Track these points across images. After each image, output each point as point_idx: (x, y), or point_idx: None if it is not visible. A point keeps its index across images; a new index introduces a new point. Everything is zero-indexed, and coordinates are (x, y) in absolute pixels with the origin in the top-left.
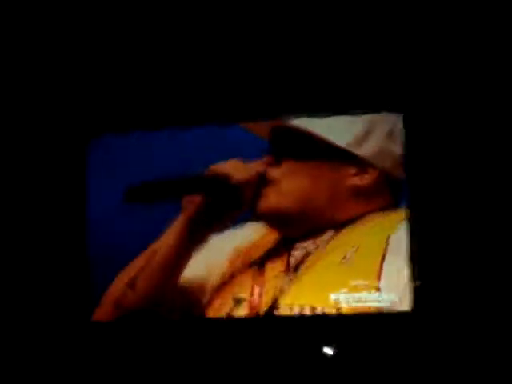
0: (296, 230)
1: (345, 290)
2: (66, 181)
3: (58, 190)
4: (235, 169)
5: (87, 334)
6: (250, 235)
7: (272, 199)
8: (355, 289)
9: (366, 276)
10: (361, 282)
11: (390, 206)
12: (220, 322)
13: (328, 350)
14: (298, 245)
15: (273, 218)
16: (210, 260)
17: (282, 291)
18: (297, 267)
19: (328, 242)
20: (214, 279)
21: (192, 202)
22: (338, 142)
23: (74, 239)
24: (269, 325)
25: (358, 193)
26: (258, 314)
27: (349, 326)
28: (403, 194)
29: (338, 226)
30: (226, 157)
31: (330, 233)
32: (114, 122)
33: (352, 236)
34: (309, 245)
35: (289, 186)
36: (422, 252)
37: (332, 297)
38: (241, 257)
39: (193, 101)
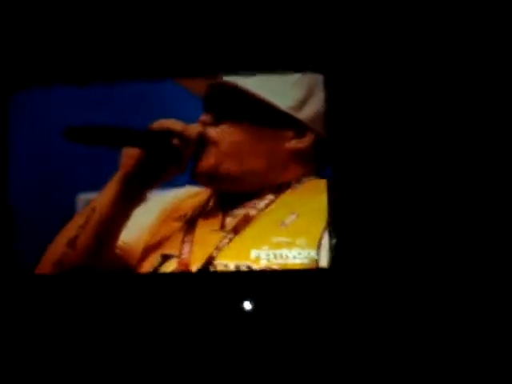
0: (232, 189)
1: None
2: None
3: None
4: (176, 127)
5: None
6: (182, 194)
7: (211, 159)
8: (277, 246)
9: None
10: (283, 239)
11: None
12: (149, 278)
13: (247, 306)
14: (235, 205)
15: (211, 179)
16: (141, 218)
17: (218, 249)
18: (236, 228)
19: (268, 205)
20: (144, 237)
21: (131, 157)
22: (280, 104)
23: None
24: (197, 281)
25: (296, 156)
26: (188, 271)
27: (269, 282)
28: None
29: (277, 189)
30: (161, 114)
31: (270, 196)
32: (38, 75)
33: (292, 200)
34: (248, 207)
35: (228, 146)
36: (340, 211)
37: (253, 253)
38: (172, 215)
39: (124, 54)
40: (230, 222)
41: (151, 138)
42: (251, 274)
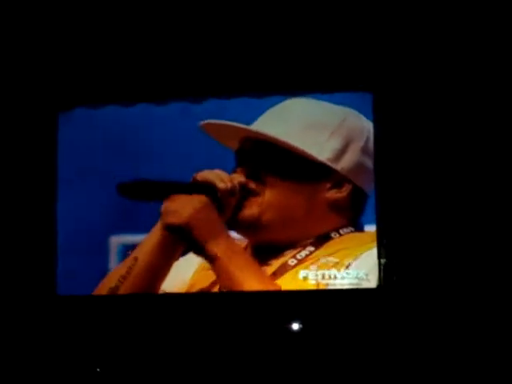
0: (272, 239)
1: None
2: (35, 156)
3: (26, 165)
4: (219, 177)
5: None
6: None
7: (254, 210)
8: (325, 266)
9: None
10: (331, 259)
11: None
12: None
13: (295, 326)
14: (271, 255)
15: (251, 228)
16: (181, 269)
17: None
18: (274, 275)
19: (308, 256)
20: (185, 288)
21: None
22: (318, 156)
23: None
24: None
25: (334, 206)
26: None
27: (316, 303)
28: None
29: (316, 241)
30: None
31: (310, 248)
32: (85, 95)
33: (331, 252)
34: (286, 256)
35: (270, 198)
36: (388, 230)
37: (301, 273)
38: (209, 266)
39: (166, 75)
40: (266, 270)
41: (196, 190)
42: (300, 294)
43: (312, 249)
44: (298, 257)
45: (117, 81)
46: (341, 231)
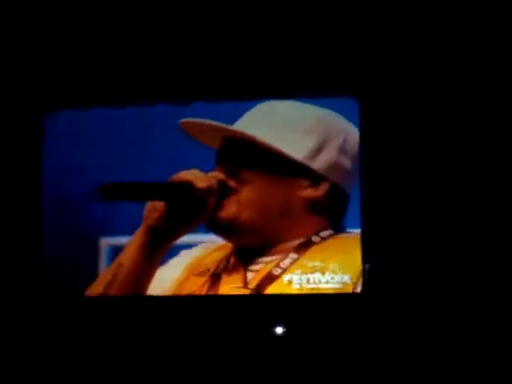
0: (252, 241)
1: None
2: (21, 156)
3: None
4: (198, 177)
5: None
6: (205, 249)
7: (232, 208)
8: (310, 270)
9: None
10: (316, 264)
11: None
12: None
13: (278, 330)
14: (255, 260)
15: (230, 228)
16: (166, 273)
17: None
18: (259, 286)
19: (291, 263)
20: (170, 292)
21: (154, 210)
22: (294, 154)
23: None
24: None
25: (312, 205)
26: None
27: (300, 307)
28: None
29: (299, 248)
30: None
31: (293, 255)
32: (71, 96)
33: (315, 258)
34: (270, 264)
35: (247, 195)
36: (373, 234)
37: (285, 278)
38: (196, 269)
39: (154, 76)
40: (252, 278)
41: (174, 190)
42: (284, 298)
43: (295, 256)
44: (282, 265)
45: (104, 82)
46: (321, 234)
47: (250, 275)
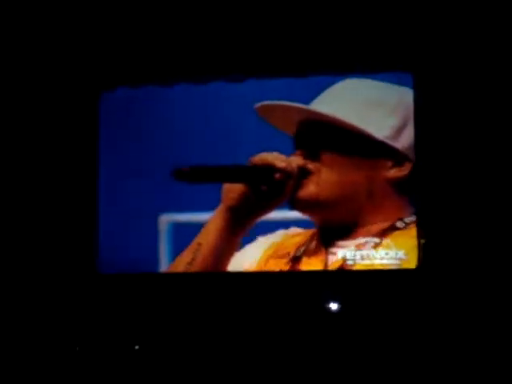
0: (334, 219)
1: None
2: (78, 135)
3: (69, 145)
4: (278, 160)
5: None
6: (287, 233)
7: (311, 189)
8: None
9: None
10: (369, 240)
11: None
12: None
13: (333, 306)
14: (338, 242)
15: (311, 206)
16: (248, 254)
17: None
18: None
19: (373, 248)
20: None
21: (232, 191)
22: (376, 134)
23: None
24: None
25: (396, 185)
26: None
27: (356, 282)
28: None
29: (382, 233)
30: (243, 113)
31: (375, 239)
32: (127, 75)
33: (397, 243)
34: (351, 252)
35: (327, 176)
36: (427, 212)
37: (339, 253)
38: (276, 252)
39: (208, 54)
40: (332, 261)
41: (254, 172)
42: (338, 274)
43: (377, 241)
44: (364, 253)
45: (157, 61)
46: (406, 220)
47: (331, 258)
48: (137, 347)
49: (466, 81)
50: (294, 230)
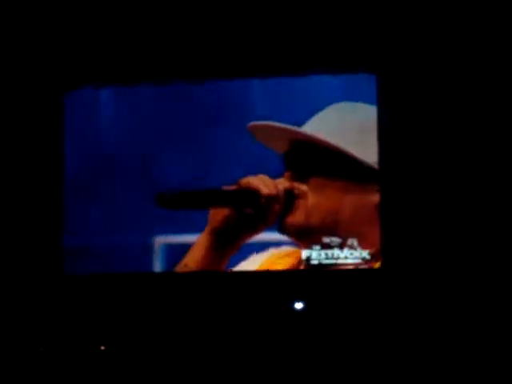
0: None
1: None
2: (43, 133)
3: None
4: (264, 183)
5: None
6: (277, 253)
7: (300, 213)
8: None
9: None
10: (334, 240)
11: None
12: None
13: (298, 305)
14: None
15: (301, 232)
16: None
17: None
18: None
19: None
20: None
21: (218, 214)
22: (367, 160)
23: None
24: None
25: None
26: None
27: (321, 282)
28: None
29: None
30: (214, 112)
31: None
32: (93, 74)
33: None
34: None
35: (315, 201)
36: (391, 212)
37: (304, 253)
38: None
39: (180, 53)
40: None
41: (238, 196)
42: (303, 274)
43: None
44: None
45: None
46: None
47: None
48: (102, 348)
49: (431, 85)
50: (284, 249)
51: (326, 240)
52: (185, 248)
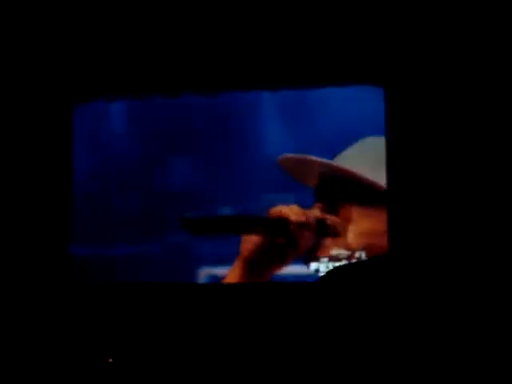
0: None
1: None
2: (51, 148)
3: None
4: (295, 213)
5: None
6: None
7: (331, 247)
8: (336, 258)
9: None
10: (343, 252)
11: None
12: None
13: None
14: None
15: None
16: None
17: None
18: None
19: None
20: None
21: (249, 242)
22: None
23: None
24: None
25: None
26: None
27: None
28: None
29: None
30: (225, 126)
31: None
32: (102, 87)
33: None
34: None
35: (349, 232)
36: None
37: (312, 266)
38: None
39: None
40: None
41: (268, 224)
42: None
43: None
44: None
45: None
46: None
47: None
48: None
49: (439, 99)
50: None
51: (334, 252)
52: None
